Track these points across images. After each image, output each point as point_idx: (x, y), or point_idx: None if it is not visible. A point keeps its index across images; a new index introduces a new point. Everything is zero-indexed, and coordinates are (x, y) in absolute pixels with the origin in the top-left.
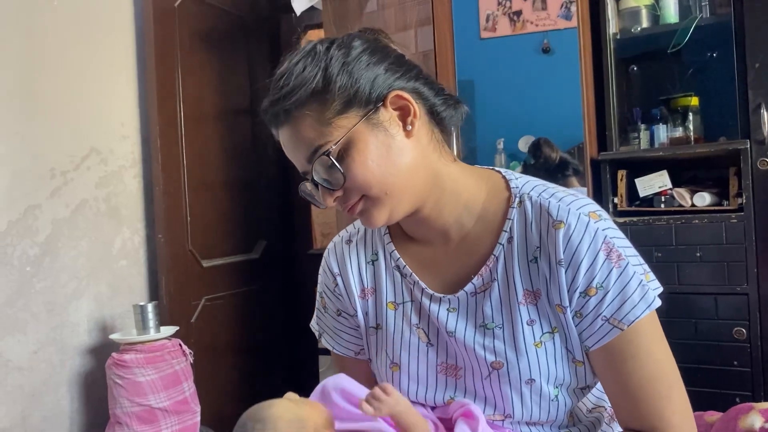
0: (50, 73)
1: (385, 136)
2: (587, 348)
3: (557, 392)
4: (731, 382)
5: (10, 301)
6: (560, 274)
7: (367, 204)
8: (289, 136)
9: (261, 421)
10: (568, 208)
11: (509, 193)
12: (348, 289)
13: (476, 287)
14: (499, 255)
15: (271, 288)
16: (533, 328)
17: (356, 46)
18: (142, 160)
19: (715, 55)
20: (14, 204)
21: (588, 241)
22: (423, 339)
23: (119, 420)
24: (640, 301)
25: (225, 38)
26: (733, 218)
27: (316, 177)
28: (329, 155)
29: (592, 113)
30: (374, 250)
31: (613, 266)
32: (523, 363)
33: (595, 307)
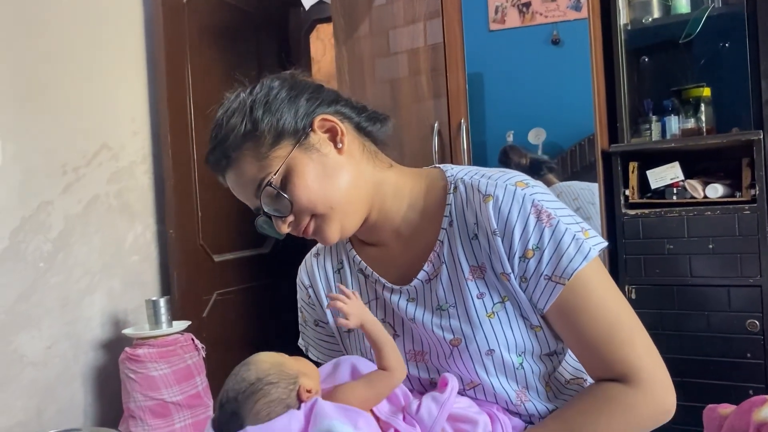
0: (60, 70)
1: (319, 156)
2: (541, 311)
3: (521, 360)
4: (745, 375)
5: (24, 296)
6: (497, 243)
7: (317, 223)
8: (234, 178)
9: (246, 364)
10: (495, 182)
11: (446, 182)
12: (319, 299)
13: (429, 274)
14: (444, 239)
15: (282, 283)
16: (483, 301)
17: (275, 86)
18: (152, 155)
19: (727, 45)
20: (27, 200)
21: (517, 207)
22: (390, 331)
23: (133, 414)
24: (576, 254)
25: (234, 33)
26: (746, 209)
27: (266, 209)
28: (271, 185)
29: (602, 105)
30: (339, 258)
31: (544, 226)
32: (480, 335)
33: (536, 268)
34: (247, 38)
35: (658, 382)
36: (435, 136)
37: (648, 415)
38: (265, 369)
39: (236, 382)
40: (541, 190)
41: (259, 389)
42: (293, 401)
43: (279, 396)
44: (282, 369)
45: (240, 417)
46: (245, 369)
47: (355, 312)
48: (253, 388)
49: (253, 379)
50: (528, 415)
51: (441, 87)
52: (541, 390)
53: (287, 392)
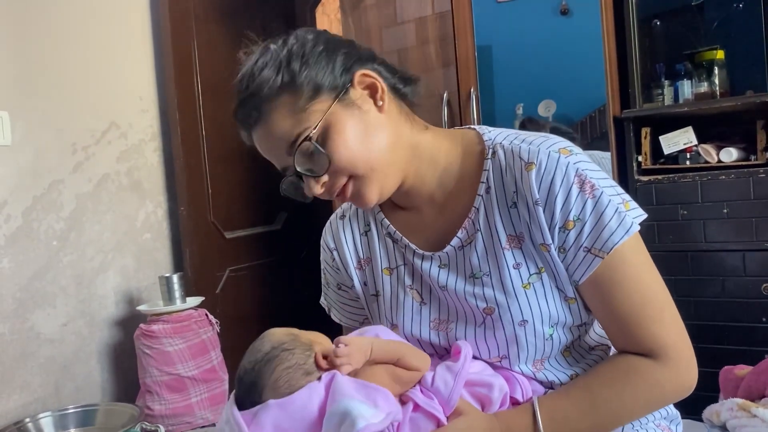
0: (67, 49)
1: (360, 113)
2: (576, 282)
3: (552, 331)
4: (760, 339)
5: (38, 275)
6: (539, 213)
7: (356, 185)
8: (265, 132)
9: (260, 338)
10: (537, 149)
11: (483, 147)
12: (344, 262)
13: (462, 240)
14: (480, 206)
15: (293, 259)
16: (520, 271)
17: (310, 38)
18: (161, 133)
19: (740, 6)
20: (38, 179)
21: (560, 176)
22: (416, 299)
23: (149, 389)
24: (618, 228)
25: (239, 9)
26: (761, 173)
27: (299, 167)
28: (311, 140)
29: (614, 71)
30: (366, 221)
31: (587, 197)
32: (514, 305)
33: (576, 239)
34: (252, 13)
35: (683, 359)
36: (444, 106)
37: (671, 391)
38: (279, 338)
39: (251, 354)
40: (584, 158)
41: (276, 356)
42: (311, 367)
43: (297, 362)
44: (295, 338)
45: (259, 387)
46: (259, 342)
47: (355, 355)
48: (270, 356)
49: (268, 348)
50: (544, 382)
51: (450, 56)
52: (561, 358)
53: (304, 357)
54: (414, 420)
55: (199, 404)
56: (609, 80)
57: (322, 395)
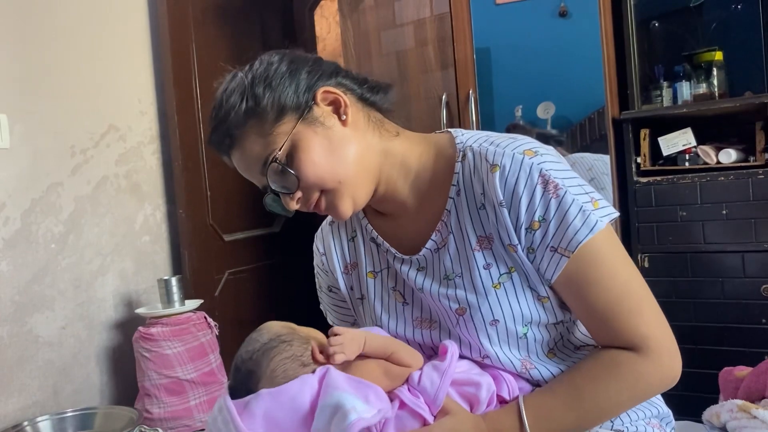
0: (66, 51)
1: (324, 130)
2: (549, 281)
3: (526, 330)
4: (760, 340)
5: (37, 278)
6: (504, 215)
7: (329, 198)
8: (239, 156)
9: (259, 329)
10: (503, 151)
11: (455, 150)
12: (332, 266)
13: (437, 243)
14: (451, 208)
15: (292, 261)
16: (490, 271)
17: (274, 61)
18: (160, 136)
19: (739, 7)
20: (37, 182)
21: (524, 178)
22: (399, 299)
23: (148, 392)
24: (582, 227)
25: (238, 11)
26: (760, 174)
27: (273, 186)
28: (277, 161)
29: (613, 72)
30: (353, 227)
31: (551, 197)
32: (485, 305)
33: (542, 239)
34: (251, 16)
35: (665, 350)
36: (443, 107)
37: (656, 383)
38: (277, 330)
39: (249, 344)
40: (550, 159)
41: (274, 346)
42: (308, 359)
43: (294, 353)
44: (294, 330)
45: (256, 375)
46: (257, 333)
47: (348, 345)
48: (268, 346)
49: (266, 339)
50: (534, 381)
51: (448, 58)
52: (546, 360)
53: (302, 350)
54: (400, 418)
55: (197, 407)
56: (608, 82)
57: (315, 387)
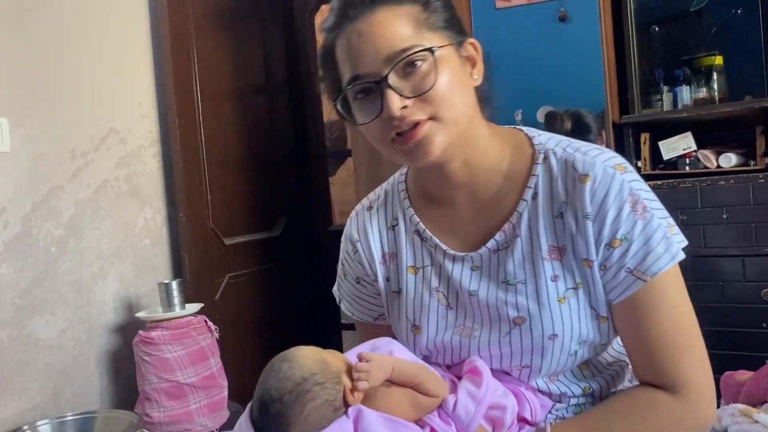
0: (66, 54)
1: (464, 71)
2: (610, 301)
3: (578, 348)
4: (760, 344)
5: (37, 281)
6: (587, 227)
7: (432, 128)
8: (377, 24)
9: (288, 360)
10: (593, 161)
11: (533, 150)
12: (368, 255)
13: (499, 244)
14: (523, 211)
15: (293, 265)
16: (557, 284)
17: None
18: (160, 139)
19: (739, 12)
20: (37, 186)
21: (614, 192)
22: (442, 302)
23: (148, 396)
24: (664, 253)
25: (239, 15)
26: (760, 178)
27: (392, 78)
28: (434, 54)
29: (613, 77)
30: (394, 215)
31: (637, 218)
32: (546, 318)
33: (619, 258)
34: (251, 20)
35: (705, 397)
36: None
37: (688, 428)
38: (309, 367)
39: (280, 380)
40: (637, 178)
41: (307, 391)
42: (339, 403)
43: (327, 398)
44: (326, 367)
45: (287, 419)
46: (287, 366)
47: (375, 373)
48: (300, 389)
49: (299, 378)
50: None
51: None
52: (576, 371)
53: (334, 393)
54: None
55: (198, 411)
56: (608, 86)
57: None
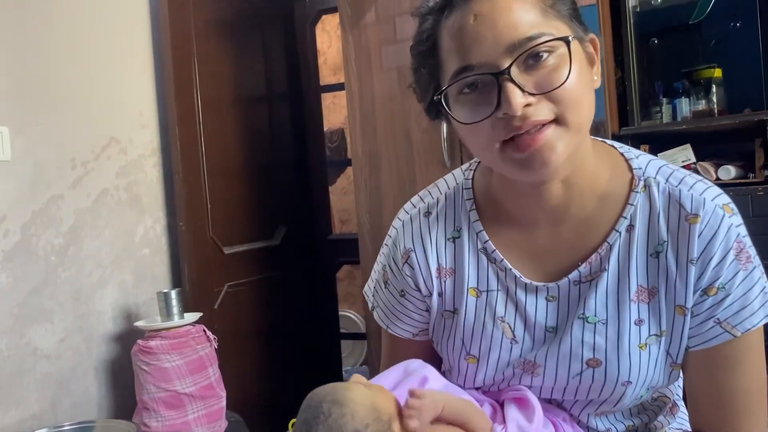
0: (68, 63)
1: (589, 69)
2: (688, 347)
3: (645, 393)
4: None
5: (36, 290)
6: (690, 271)
7: (557, 133)
8: (500, 7)
9: (339, 404)
10: (702, 199)
11: (632, 175)
12: (424, 268)
13: (582, 275)
14: (614, 243)
15: (292, 274)
16: (640, 329)
17: None
18: (161, 148)
19: (738, 25)
20: (37, 194)
21: (722, 237)
22: (507, 334)
23: (146, 405)
24: (759, 309)
25: (240, 25)
26: (759, 191)
27: (514, 71)
28: (569, 44)
29: (612, 89)
30: (457, 226)
31: (740, 268)
32: (624, 364)
33: (711, 307)
34: (252, 30)
35: None
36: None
37: None
38: (362, 416)
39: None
40: (742, 222)
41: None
42: None
43: None
44: (379, 416)
45: None
46: (338, 413)
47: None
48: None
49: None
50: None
51: None
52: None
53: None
54: None
55: (196, 421)
56: (607, 98)
57: None
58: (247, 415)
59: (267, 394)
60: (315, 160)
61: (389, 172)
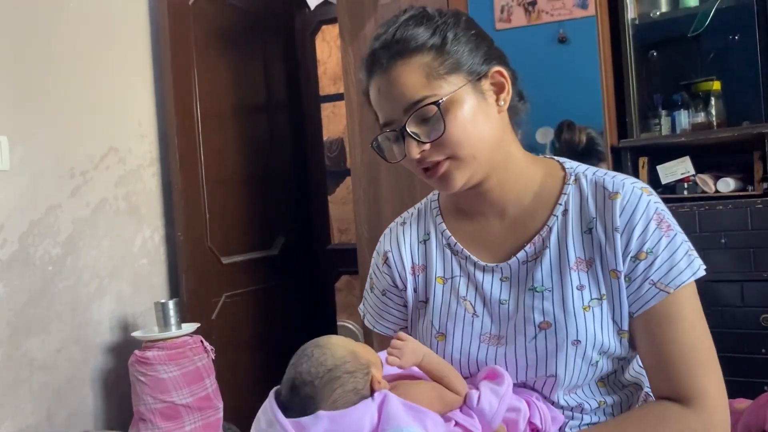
0: (67, 73)
1: (484, 104)
2: (632, 314)
3: (599, 358)
4: (759, 370)
5: (33, 300)
6: (616, 239)
7: (451, 166)
8: (392, 81)
9: (320, 347)
10: (622, 183)
11: (564, 173)
12: (399, 265)
13: (528, 255)
14: (553, 225)
15: (290, 284)
16: (582, 293)
17: (464, 20)
18: (160, 158)
19: (737, 38)
20: (35, 204)
21: (642, 209)
22: (469, 310)
23: (143, 416)
24: (686, 268)
25: (239, 35)
26: (758, 203)
27: (410, 127)
28: (439, 106)
29: (611, 101)
30: (426, 230)
31: (663, 234)
32: (571, 324)
33: (644, 270)
34: (252, 40)
35: (719, 411)
36: None
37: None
38: (341, 356)
39: (312, 365)
40: (661, 200)
41: (337, 377)
42: (367, 391)
43: (355, 386)
44: (356, 357)
45: (315, 402)
46: (319, 352)
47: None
48: (331, 375)
49: (330, 365)
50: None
51: None
52: (594, 387)
53: (363, 382)
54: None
55: None
56: (606, 110)
57: (375, 416)
58: (245, 427)
59: None
60: (314, 169)
61: (388, 182)
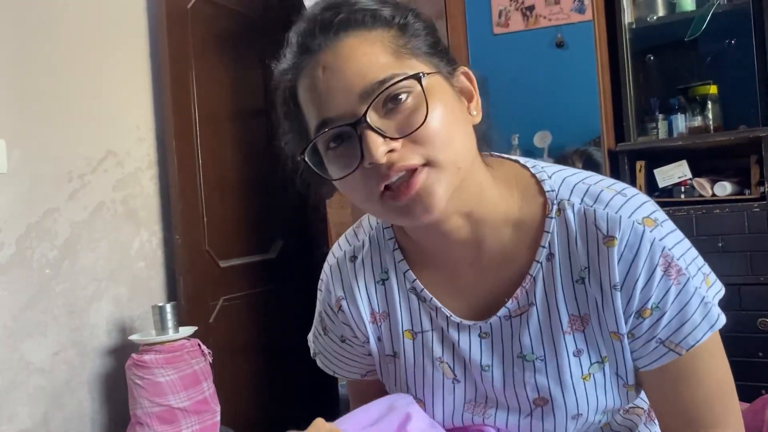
0: (65, 77)
1: (460, 105)
2: (638, 368)
3: (602, 417)
4: (757, 374)
5: (30, 303)
6: (615, 297)
7: (431, 176)
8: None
9: None
10: (618, 217)
11: (544, 199)
12: (356, 315)
13: (511, 311)
14: (537, 275)
15: (288, 288)
16: (580, 360)
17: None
18: (158, 161)
19: (733, 42)
20: (33, 207)
21: (644, 256)
22: (448, 375)
23: (140, 420)
24: (702, 322)
25: (238, 39)
26: (755, 207)
27: (372, 118)
28: (421, 82)
29: (608, 105)
30: (383, 267)
31: (671, 284)
32: (570, 399)
33: (649, 329)
34: (250, 44)
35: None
36: None
37: None
38: None
39: None
40: (669, 230)
41: None
42: None
43: None
44: None
45: None
46: None
47: None
48: None
49: None
50: None
51: None
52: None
53: None
54: None
55: None
56: (603, 114)
57: None
58: (242, 430)
59: (262, 408)
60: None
61: None
